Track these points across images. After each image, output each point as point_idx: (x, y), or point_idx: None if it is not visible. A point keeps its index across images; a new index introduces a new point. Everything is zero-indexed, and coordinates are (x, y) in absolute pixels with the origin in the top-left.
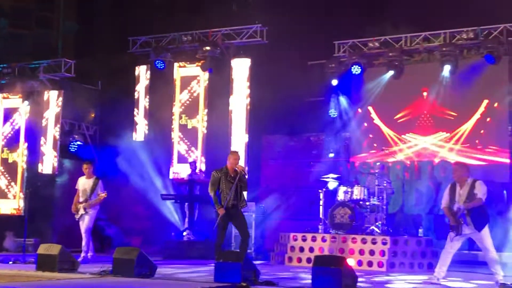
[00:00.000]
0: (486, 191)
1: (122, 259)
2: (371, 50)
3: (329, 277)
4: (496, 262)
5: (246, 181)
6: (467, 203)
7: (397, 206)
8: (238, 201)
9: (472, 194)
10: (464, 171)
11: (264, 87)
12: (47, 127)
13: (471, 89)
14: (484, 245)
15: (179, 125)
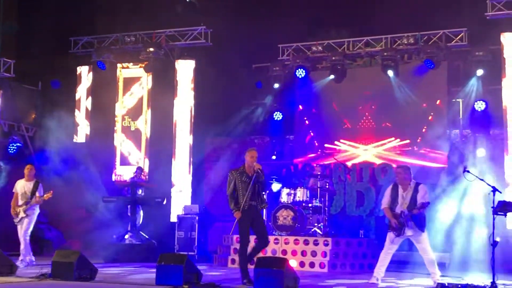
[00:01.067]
0: (428, 195)
1: (62, 263)
2: (315, 54)
3: (271, 278)
4: (434, 262)
5: (263, 180)
6: (416, 210)
7: (339, 208)
8: (257, 202)
9: (415, 198)
10: (407, 174)
11: (209, 89)
12: None
13: (412, 94)
14: (423, 247)
15: (122, 127)
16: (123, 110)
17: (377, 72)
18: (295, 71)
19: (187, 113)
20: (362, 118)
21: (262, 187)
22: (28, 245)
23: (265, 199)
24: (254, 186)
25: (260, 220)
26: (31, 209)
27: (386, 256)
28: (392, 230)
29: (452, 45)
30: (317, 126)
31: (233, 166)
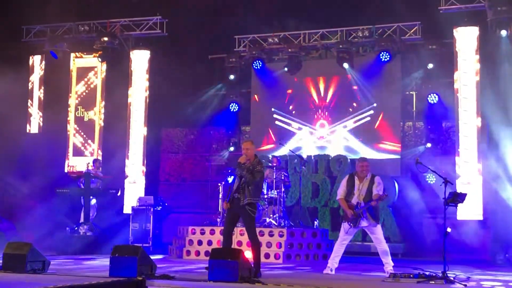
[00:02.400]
0: (383, 186)
1: (13, 255)
2: (271, 46)
3: (226, 269)
4: (387, 253)
5: (253, 174)
6: (374, 202)
7: (294, 199)
8: (240, 195)
9: (371, 190)
10: (367, 166)
11: (164, 80)
12: None
13: (366, 85)
14: (377, 237)
15: (75, 117)
16: (76, 101)
17: (332, 64)
18: (252, 63)
19: (142, 103)
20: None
21: (248, 181)
22: None
23: (249, 194)
24: (240, 179)
25: (243, 216)
26: None
27: (340, 247)
28: (347, 221)
29: (406, 38)
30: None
31: (189, 157)
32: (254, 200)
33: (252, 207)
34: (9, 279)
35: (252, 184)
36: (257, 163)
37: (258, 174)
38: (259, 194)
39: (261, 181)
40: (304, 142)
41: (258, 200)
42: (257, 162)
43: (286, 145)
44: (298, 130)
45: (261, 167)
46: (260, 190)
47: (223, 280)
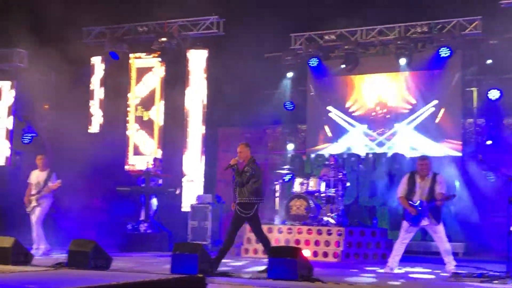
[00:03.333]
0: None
1: (78, 252)
2: (327, 43)
3: (284, 267)
4: (449, 252)
5: (245, 176)
6: (439, 202)
7: (352, 198)
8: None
9: (433, 188)
10: (428, 165)
11: (221, 79)
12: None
13: (425, 82)
14: (439, 236)
15: (135, 117)
16: (136, 100)
17: (390, 61)
18: (308, 61)
19: (200, 102)
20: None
21: (237, 182)
22: (42, 233)
23: (242, 194)
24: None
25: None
26: (43, 198)
27: (400, 246)
28: (408, 220)
29: (466, 33)
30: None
31: None
32: (249, 200)
33: (243, 208)
34: (74, 276)
35: (243, 185)
36: (248, 165)
37: (245, 175)
38: (256, 194)
39: (252, 182)
40: (361, 139)
41: (253, 200)
42: (249, 164)
43: (343, 143)
44: (355, 127)
45: (251, 169)
46: (256, 190)
47: (282, 278)
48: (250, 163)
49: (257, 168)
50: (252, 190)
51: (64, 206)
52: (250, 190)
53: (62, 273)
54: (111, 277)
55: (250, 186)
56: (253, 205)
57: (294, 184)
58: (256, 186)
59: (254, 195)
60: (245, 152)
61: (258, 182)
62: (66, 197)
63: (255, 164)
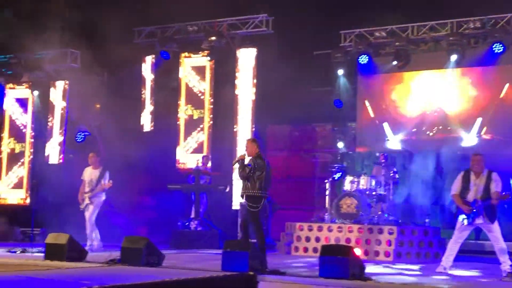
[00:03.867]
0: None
1: (131, 248)
2: (378, 40)
3: (336, 266)
4: (504, 251)
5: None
6: (495, 201)
7: (404, 196)
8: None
9: (488, 187)
10: (483, 162)
11: (270, 77)
12: (53, 118)
13: (479, 78)
14: (495, 235)
15: (185, 116)
16: (186, 99)
17: (441, 57)
18: (357, 58)
19: (249, 101)
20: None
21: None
22: (96, 230)
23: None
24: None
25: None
26: (96, 195)
27: (454, 245)
28: (462, 218)
29: None
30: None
31: (294, 154)
32: (254, 193)
33: (251, 201)
34: (127, 272)
35: (247, 178)
36: (254, 159)
37: (247, 169)
38: (260, 188)
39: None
40: (413, 137)
41: (259, 193)
42: (255, 158)
43: (394, 141)
44: (406, 125)
45: (253, 163)
46: (259, 183)
47: (333, 276)
48: (254, 158)
49: (261, 162)
50: (256, 183)
51: (116, 204)
52: (254, 183)
53: (116, 270)
54: (163, 274)
55: (254, 179)
56: (260, 198)
57: (344, 182)
58: (260, 179)
59: (258, 188)
60: (251, 147)
61: (261, 176)
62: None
63: (259, 158)
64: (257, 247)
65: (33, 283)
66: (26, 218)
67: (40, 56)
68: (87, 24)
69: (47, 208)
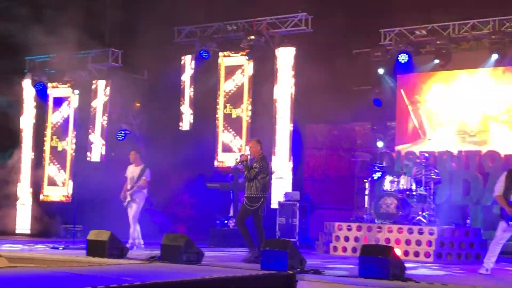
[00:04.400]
0: None
1: (170, 246)
2: (418, 38)
3: (376, 266)
4: None
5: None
6: None
7: (444, 196)
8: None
9: None
10: None
11: (309, 75)
12: (95, 116)
13: None
14: None
15: (224, 114)
16: (224, 98)
17: (483, 56)
18: (397, 56)
19: (288, 100)
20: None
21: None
22: (137, 227)
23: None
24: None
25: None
26: (137, 193)
27: (496, 247)
28: (506, 219)
29: None
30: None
31: (333, 153)
32: (256, 195)
33: (250, 201)
34: (167, 269)
35: (252, 180)
36: (257, 161)
37: (253, 171)
38: (263, 189)
39: (261, 177)
40: (454, 137)
41: (260, 194)
42: (258, 160)
43: (435, 141)
44: (447, 124)
45: (259, 165)
46: (263, 185)
47: (373, 277)
48: (259, 160)
49: (266, 165)
50: (260, 185)
51: (156, 202)
52: (258, 185)
53: (156, 267)
54: (202, 271)
55: (258, 181)
56: (259, 198)
57: (384, 182)
58: (263, 182)
59: (261, 190)
60: (255, 148)
61: (265, 178)
62: (158, 193)
63: (264, 160)
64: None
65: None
66: (68, 215)
67: (82, 55)
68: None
69: (89, 205)
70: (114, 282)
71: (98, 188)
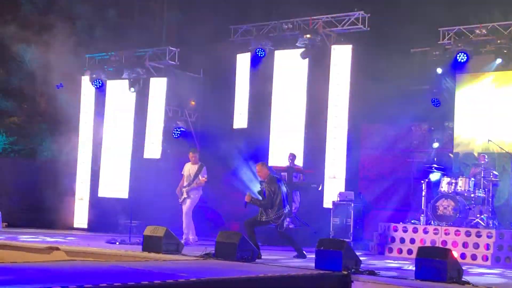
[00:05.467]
0: None
1: (225, 243)
2: (478, 37)
3: (433, 268)
4: None
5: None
6: None
7: (503, 199)
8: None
9: None
10: None
11: (365, 74)
12: (152, 113)
13: None
14: None
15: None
16: (279, 97)
17: None
18: (456, 56)
19: (343, 98)
20: None
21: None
22: (192, 224)
23: (270, 213)
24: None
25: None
26: (193, 190)
27: None
28: None
29: None
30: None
31: (389, 153)
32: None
33: (273, 221)
34: (221, 266)
35: (268, 207)
36: (268, 185)
37: (268, 200)
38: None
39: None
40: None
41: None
42: (268, 184)
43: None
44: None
45: (267, 190)
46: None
47: (430, 279)
48: (268, 182)
49: (275, 186)
50: (276, 207)
51: (210, 199)
52: (275, 207)
53: (210, 263)
54: (257, 269)
55: (275, 207)
56: (280, 216)
57: (441, 184)
58: (278, 202)
59: (278, 210)
60: (262, 171)
61: (279, 200)
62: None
63: (273, 181)
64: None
65: (132, 274)
66: (125, 211)
67: (140, 53)
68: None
69: (145, 201)
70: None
71: (154, 184)
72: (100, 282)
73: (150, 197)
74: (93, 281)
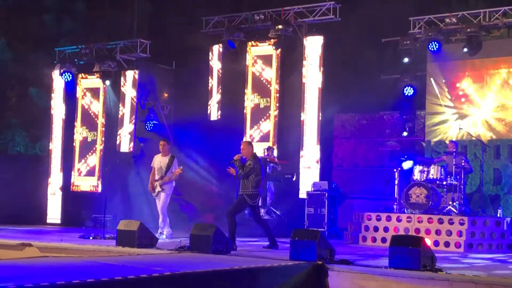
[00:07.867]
0: None
1: (199, 236)
2: (448, 26)
3: (407, 256)
4: None
5: (243, 169)
6: None
7: (475, 186)
8: (241, 187)
9: None
10: None
11: (337, 65)
12: (124, 107)
13: None
14: None
15: (252, 104)
16: (252, 88)
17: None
18: (428, 45)
19: (316, 89)
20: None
21: (239, 175)
22: (166, 218)
23: (245, 187)
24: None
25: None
26: (167, 183)
27: None
28: None
29: None
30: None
31: (362, 142)
32: (253, 192)
33: (250, 198)
34: (197, 259)
35: (246, 178)
36: (250, 160)
37: (247, 168)
38: (257, 186)
39: (254, 175)
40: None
41: (256, 192)
42: (251, 159)
43: (465, 129)
44: (478, 113)
45: (252, 163)
46: (257, 182)
47: (404, 267)
48: (252, 159)
49: (258, 163)
50: (254, 183)
51: (183, 191)
52: (253, 183)
53: (185, 257)
54: (232, 261)
55: (252, 179)
56: (256, 195)
57: (414, 172)
58: (257, 179)
59: (255, 187)
60: (247, 149)
61: (258, 177)
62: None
63: (256, 159)
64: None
65: (106, 269)
66: (97, 205)
67: (111, 46)
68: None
69: (118, 195)
70: (144, 272)
71: (127, 178)
72: (73, 278)
73: (124, 191)
74: (66, 277)
